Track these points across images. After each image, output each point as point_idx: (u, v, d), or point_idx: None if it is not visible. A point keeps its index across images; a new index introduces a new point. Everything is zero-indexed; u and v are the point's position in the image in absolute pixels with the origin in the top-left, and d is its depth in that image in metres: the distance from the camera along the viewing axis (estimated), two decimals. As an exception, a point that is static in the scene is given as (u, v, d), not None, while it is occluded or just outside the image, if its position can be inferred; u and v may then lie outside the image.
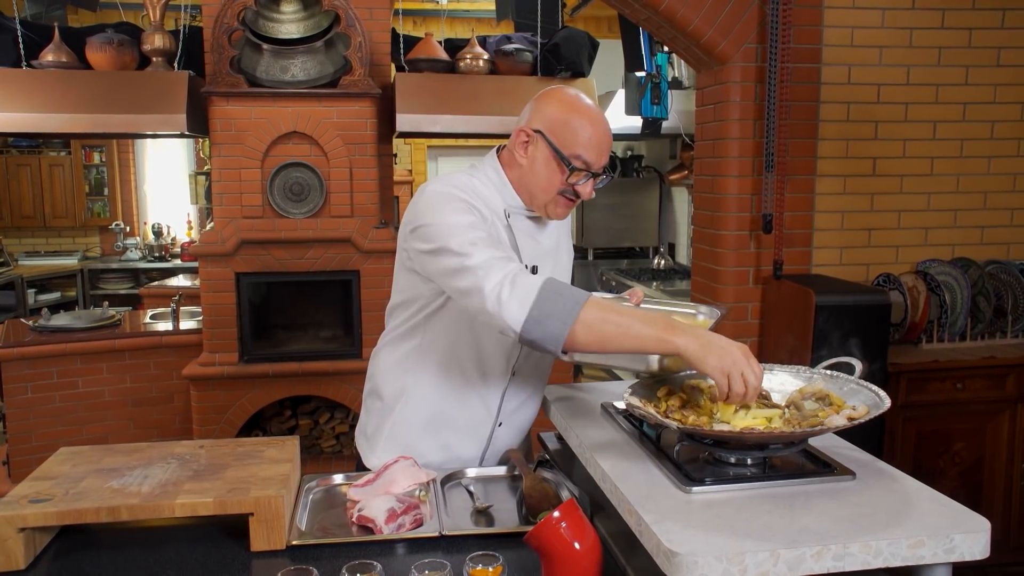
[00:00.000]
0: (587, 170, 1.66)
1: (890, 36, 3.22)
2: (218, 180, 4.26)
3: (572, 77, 4.70)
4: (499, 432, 1.84)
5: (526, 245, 1.74)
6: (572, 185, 1.67)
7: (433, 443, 1.81)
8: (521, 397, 1.85)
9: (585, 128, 1.64)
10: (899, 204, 3.30)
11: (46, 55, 4.23)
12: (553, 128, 1.65)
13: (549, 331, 1.42)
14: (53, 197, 7.53)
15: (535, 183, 1.69)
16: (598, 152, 1.66)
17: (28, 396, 4.33)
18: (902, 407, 3.00)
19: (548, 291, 1.44)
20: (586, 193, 1.69)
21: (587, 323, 1.41)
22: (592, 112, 1.67)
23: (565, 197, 1.70)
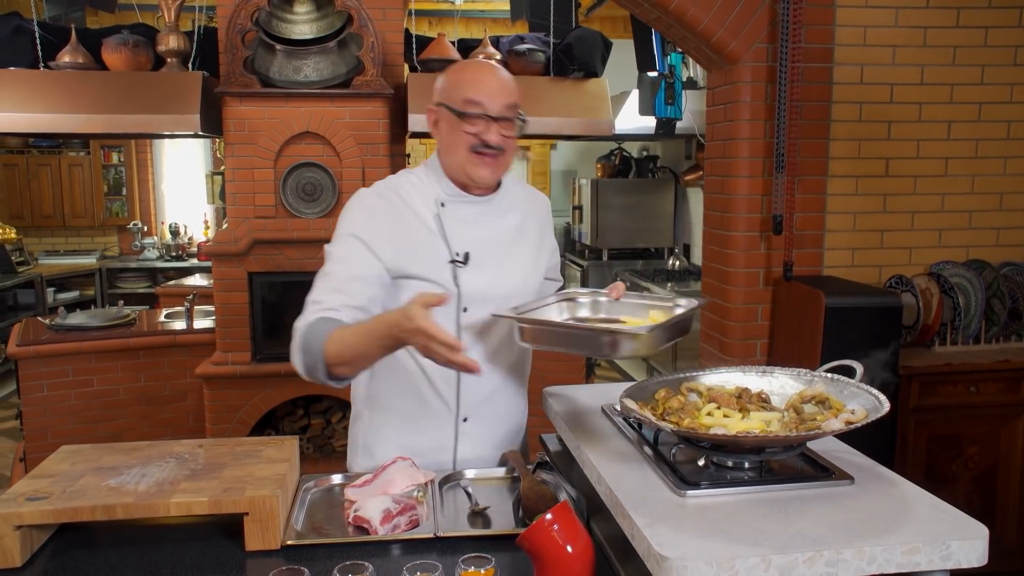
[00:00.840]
0: (484, 116, 1.65)
1: (904, 35, 3.18)
2: (231, 180, 4.28)
3: (585, 77, 4.68)
4: (468, 429, 1.81)
5: (458, 232, 1.72)
6: (475, 135, 1.66)
7: (400, 445, 1.79)
8: (485, 390, 1.80)
9: (467, 75, 1.69)
10: (912, 205, 3.26)
11: (63, 56, 4.27)
12: (443, 92, 1.70)
13: (320, 377, 1.55)
14: (72, 197, 7.61)
15: (448, 150, 1.72)
16: (488, 93, 1.65)
17: (44, 394, 4.38)
18: (914, 410, 2.96)
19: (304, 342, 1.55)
20: (493, 140, 1.66)
21: (336, 363, 1.52)
22: (476, 63, 1.74)
23: (477, 153, 1.68)
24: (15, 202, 7.54)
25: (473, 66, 1.73)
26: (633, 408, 1.39)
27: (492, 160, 1.70)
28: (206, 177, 8.01)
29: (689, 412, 1.44)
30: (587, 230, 7.51)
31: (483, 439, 1.84)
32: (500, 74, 1.71)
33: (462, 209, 1.75)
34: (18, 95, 4.17)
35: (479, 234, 1.75)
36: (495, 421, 1.86)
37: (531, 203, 1.90)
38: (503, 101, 1.66)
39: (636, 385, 1.53)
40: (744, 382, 1.57)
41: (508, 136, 1.70)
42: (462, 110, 1.65)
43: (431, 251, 1.70)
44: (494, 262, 1.75)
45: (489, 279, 1.73)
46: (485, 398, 1.81)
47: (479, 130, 1.66)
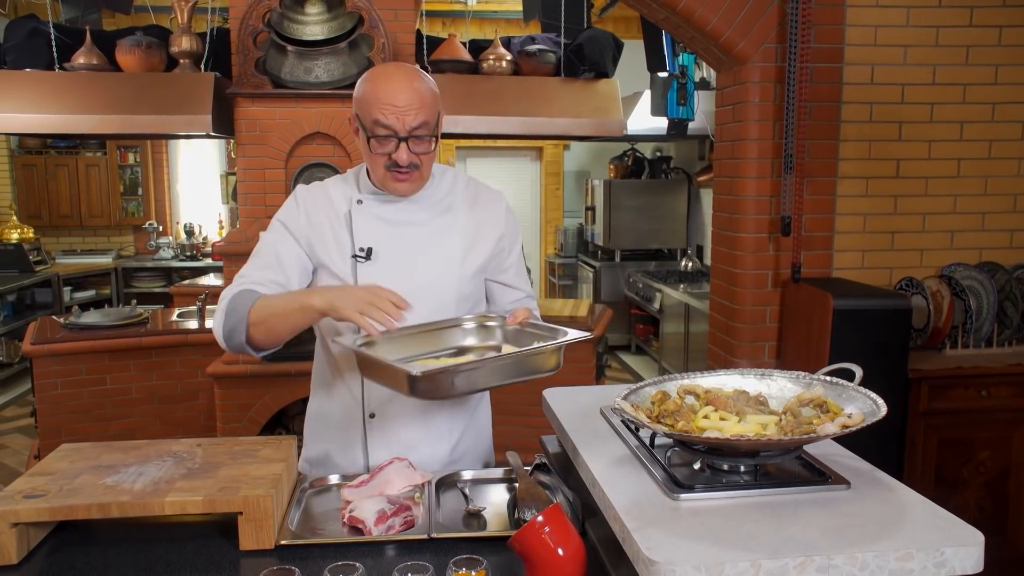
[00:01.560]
0: (393, 136, 1.63)
1: (915, 35, 3.15)
2: (243, 180, 4.30)
3: (596, 78, 4.67)
4: (377, 425, 1.79)
5: (368, 229, 1.74)
6: (387, 155, 1.65)
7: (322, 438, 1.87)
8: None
9: (375, 91, 1.63)
10: (924, 207, 3.23)
11: (78, 58, 4.31)
12: (358, 105, 1.68)
13: (237, 341, 1.65)
14: (89, 197, 7.69)
15: (367, 163, 1.74)
16: (395, 113, 1.61)
17: (58, 392, 4.42)
18: (923, 414, 2.93)
19: (230, 307, 1.64)
20: (402, 159, 1.64)
21: (255, 322, 1.60)
22: (385, 75, 1.66)
23: (390, 170, 1.68)
24: (33, 202, 7.62)
25: (384, 80, 1.65)
26: (627, 410, 1.38)
27: (407, 176, 1.69)
28: (221, 177, 8.06)
29: (685, 415, 1.43)
30: (599, 231, 7.50)
31: (398, 437, 1.80)
32: (411, 88, 1.63)
33: (378, 207, 1.76)
34: (34, 96, 4.22)
35: (389, 231, 1.75)
36: (408, 419, 1.81)
37: (475, 203, 1.85)
38: (412, 120, 1.63)
39: (632, 388, 1.52)
40: (743, 385, 1.55)
41: (421, 152, 1.67)
42: (371, 132, 1.64)
43: (337, 244, 1.75)
44: (400, 260, 1.75)
45: (388, 275, 1.70)
46: (392, 395, 1.75)
47: (389, 150, 1.65)
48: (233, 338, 1.64)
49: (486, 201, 1.87)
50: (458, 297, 1.81)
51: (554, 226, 8.64)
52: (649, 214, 7.39)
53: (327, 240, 1.75)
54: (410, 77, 1.66)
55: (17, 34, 4.39)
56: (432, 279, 1.78)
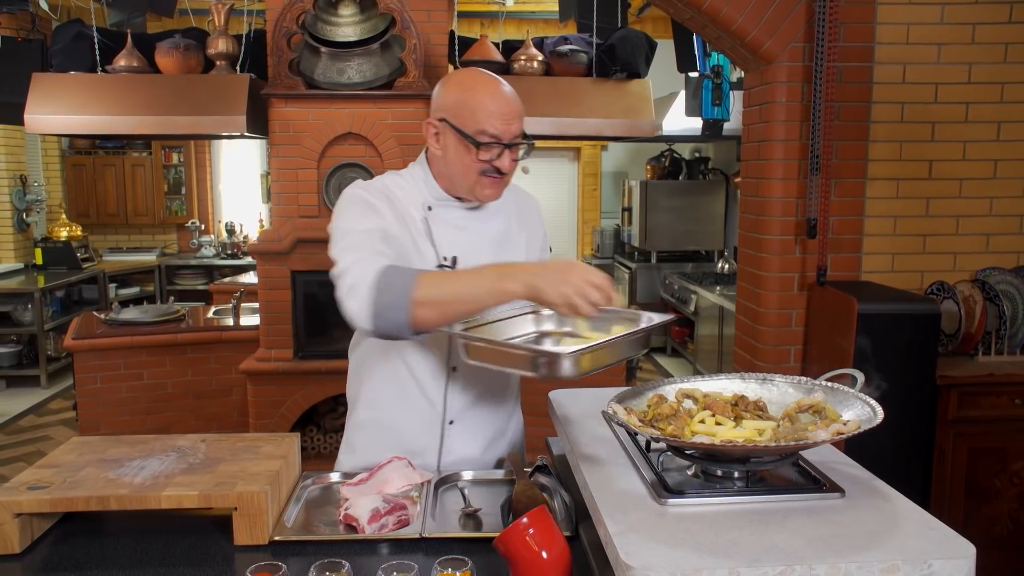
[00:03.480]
0: (497, 143, 1.63)
1: (950, 32, 3.07)
2: (276, 180, 4.38)
3: (628, 78, 4.64)
4: (453, 431, 1.81)
5: (445, 236, 1.73)
6: (488, 162, 1.65)
7: (383, 446, 1.80)
8: (472, 394, 1.80)
9: (482, 102, 1.62)
10: (957, 209, 3.14)
11: (119, 60, 4.42)
12: (453, 112, 1.65)
13: (394, 320, 1.47)
14: (135, 196, 7.89)
15: (453, 170, 1.70)
16: (503, 121, 1.62)
17: (97, 386, 4.54)
18: (952, 422, 2.85)
19: (382, 282, 1.48)
20: (505, 166, 1.66)
21: (424, 302, 1.46)
22: (488, 85, 1.64)
23: (488, 176, 1.67)
24: (82, 201, 7.85)
25: (491, 92, 1.63)
26: (619, 414, 1.37)
27: (499, 181, 1.70)
28: (261, 177, 8.21)
29: (681, 419, 1.41)
30: (636, 232, 7.45)
31: (467, 442, 1.83)
32: (511, 98, 1.65)
33: (448, 213, 1.75)
34: (76, 98, 4.34)
35: (465, 239, 1.75)
36: (480, 424, 1.85)
37: (518, 205, 1.88)
38: (515, 128, 1.65)
39: (629, 390, 1.51)
40: (743, 390, 1.53)
41: (516, 159, 1.69)
42: (477, 140, 1.62)
43: (420, 253, 1.70)
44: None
45: None
46: (472, 401, 1.82)
47: (492, 157, 1.65)
48: (387, 318, 1.47)
49: (526, 204, 1.92)
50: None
51: (591, 227, 8.61)
52: (686, 215, 7.32)
53: (409, 248, 1.70)
54: (506, 86, 1.67)
55: (63, 38, 4.53)
56: None
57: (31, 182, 7.32)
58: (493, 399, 1.86)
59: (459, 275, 1.54)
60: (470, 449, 1.83)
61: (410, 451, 1.78)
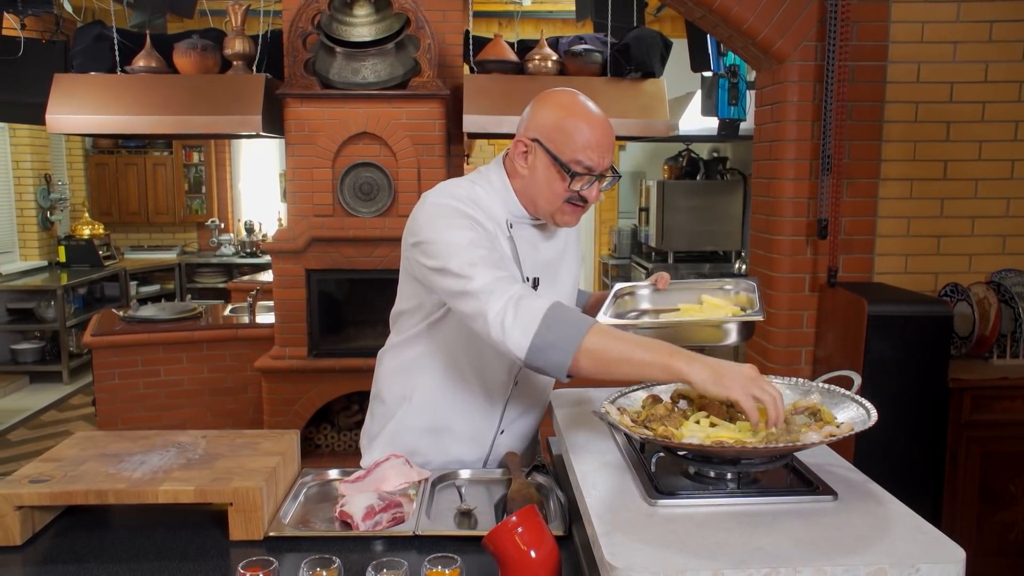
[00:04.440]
0: (589, 174, 1.61)
1: (966, 31, 3.03)
2: (291, 179, 4.41)
3: (643, 78, 4.62)
4: (501, 439, 1.84)
5: (528, 256, 1.71)
6: (577, 191, 1.63)
7: (433, 448, 1.81)
8: (524, 405, 1.84)
9: (582, 131, 1.59)
10: (973, 210, 3.10)
11: (138, 61, 4.48)
12: (549, 135, 1.61)
13: (552, 360, 1.43)
14: (156, 194, 7.98)
15: (538, 192, 1.66)
16: (599, 154, 1.61)
17: (116, 382, 4.60)
18: (965, 426, 2.81)
19: (551, 319, 1.43)
20: (592, 197, 1.65)
21: (590, 352, 1.41)
22: (588, 113, 1.61)
23: (572, 204, 1.66)
24: (104, 199, 7.95)
25: (592, 122, 1.60)
26: (612, 414, 1.37)
27: (580, 210, 1.69)
28: (280, 176, 8.26)
29: (675, 420, 1.41)
30: (653, 232, 7.41)
31: (510, 447, 1.86)
32: (609, 129, 1.63)
33: (525, 231, 1.73)
34: (96, 98, 4.39)
35: (539, 257, 1.74)
36: (526, 431, 1.90)
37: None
38: (608, 160, 1.64)
39: (624, 391, 1.51)
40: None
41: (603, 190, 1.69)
42: (572, 170, 1.60)
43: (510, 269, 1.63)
44: (550, 285, 1.76)
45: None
46: (522, 413, 1.85)
47: (582, 187, 1.63)
48: (546, 355, 1.43)
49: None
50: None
51: (608, 227, 8.59)
52: (703, 215, 7.27)
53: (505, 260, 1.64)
54: (604, 115, 1.65)
55: (84, 39, 4.59)
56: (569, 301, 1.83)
57: (55, 181, 7.42)
58: (539, 409, 1.90)
59: (632, 339, 1.44)
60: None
61: (457, 458, 1.80)
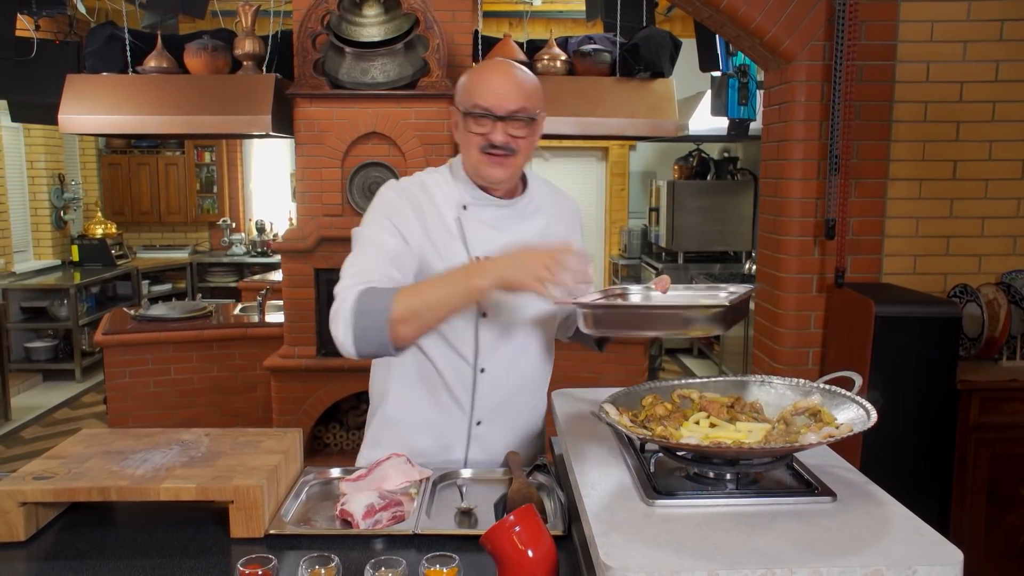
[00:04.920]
0: (488, 115, 1.65)
1: (976, 30, 3.01)
2: (301, 179, 4.43)
3: (652, 77, 4.61)
4: (481, 432, 1.82)
5: (479, 236, 1.73)
6: (483, 135, 1.66)
7: (411, 442, 1.81)
8: (500, 395, 1.81)
9: (476, 79, 1.69)
10: (983, 210, 3.08)
11: (149, 61, 4.50)
12: (458, 95, 1.71)
13: (376, 341, 1.54)
14: (168, 194, 8.03)
15: (464, 151, 1.74)
16: (495, 95, 1.65)
17: (126, 380, 4.63)
18: (974, 428, 2.79)
19: (359, 308, 1.53)
20: (497, 139, 1.66)
21: (401, 318, 1.52)
22: (490, 65, 1.73)
23: (487, 153, 1.68)
24: (117, 199, 8.01)
25: (485, 69, 1.72)
26: (611, 413, 1.37)
27: (502, 160, 1.69)
28: (291, 176, 8.30)
29: (676, 420, 1.41)
30: (663, 232, 7.40)
31: (495, 443, 1.84)
32: (512, 76, 1.69)
33: (484, 212, 1.75)
34: (107, 98, 4.43)
35: (500, 239, 1.73)
36: (509, 425, 1.86)
37: (558, 206, 1.89)
38: (510, 104, 1.66)
39: (625, 391, 1.51)
40: (741, 391, 1.52)
41: (516, 136, 1.69)
42: (468, 111, 1.66)
43: (451, 252, 1.71)
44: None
45: None
46: (500, 402, 1.82)
47: (486, 130, 1.66)
48: (368, 340, 1.54)
49: (567, 206, 1.93)
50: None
51: (618, 227, 8.58)
52: (714, 216, 7.26)
53: (439, 248, 1.71)
54: (512, 67, 1.72)
55: (96, 40, 4.62)
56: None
57: (69, 181, 7.48)
58: (523, 399, 1.86)
59: (431, 283, 1.58)
60: (497, 450, 1.83)
61: (437, 450, 1.80)
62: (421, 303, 1.53)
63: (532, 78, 1.72)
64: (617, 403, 1.45)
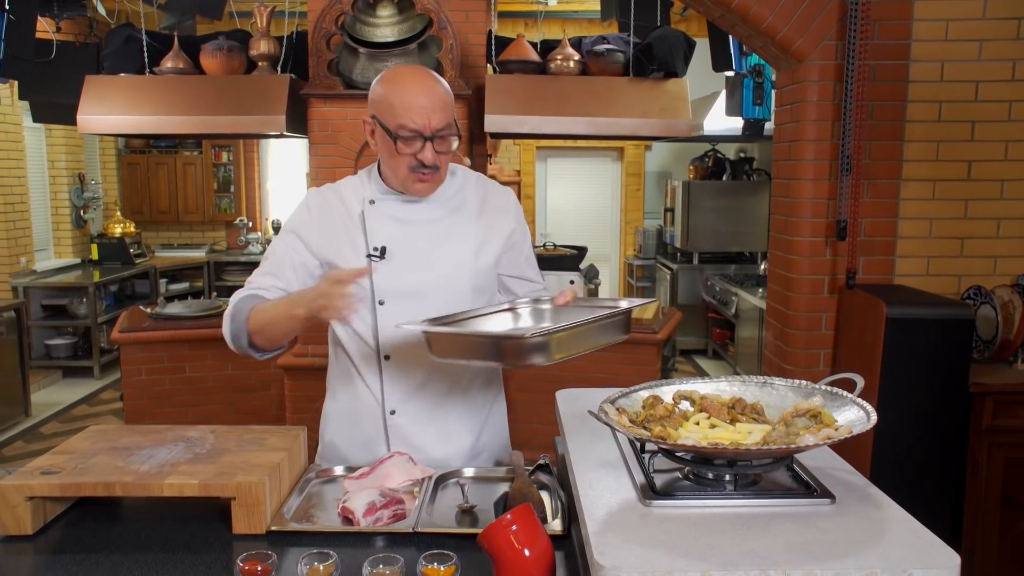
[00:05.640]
0: (418, 136, 1.66)
1: (993, 28, 2.97)
2: (315, 179, 4.45)
3: (665, 77, 4.60)
4: (397, 422, 1.82)
5: (381, 228, 1.77)
6: (412, 155, 1.68)
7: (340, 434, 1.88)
8: (411, 383, 1.82)
9: (399, 96, 1.67)
10: (998, 211, 3.04)
11: (166, 62, 4.55)
12: (379, 108, 1.71)
13: (242, 346, 1.73)
14: (186, 193, 8.11)
15: (386, 164, 1.77)
16: (421, 116, 1.66)
17: (142, 378, 4.67)
18: (987, 431, 2.76)
19: (232, 313, 1.72)
20: (428, 159, 1.68)
21: (254, 330, 1.69)
22: (408, 80, 1.69)
23: (415, 171, 1.71)
24: (136, 198, 8.10)
25: (405, 83, 1.69)
26: (609, 413, 1.37)
27: (429, 176, 1.73)
28: (307, 176, 8.35)
29: (675, 421, 1.41)
30: (678, 233, 7.38)
31: (417, 434, 1.83)
32: (433, 91, 1.69)
33: (389, 206, 1.79)
34: (125, 99, 4.47)
35: (402, 230, 1.78)
36: (428, 416, 1.84)
37: (485, 201, 1.89)
38: (436, 122, 1.67)
39: (626, 390, 1.51)
40: (742, 393, 1.51)
41: (443, 152, 1.72)
42: (396, 134, 1.67)
43: (352, 244, 1.78)
44: (414, 258, 1.78)
45: (403, 274, 1.77)
46: (411, 392, 1.82)
47: (414, 150, 1.68)
48: (238, 342, 1.73)
49: (496, 198, 1.92)
50: (472, 291, 1.84)
51: (634, 227, 8.56)
52: (729, 216, 7.22)
53: (340, 242, 1.79)
54: (430, 80, 1.71)
55: (114, 41, 4.67)
56: (446, 275, 1.82)
57: (89, 180, 7.57)
58: (437, 391, 1.85)
59: (276, 304, 1.69)
60: (424, 443, 1.82)
61: (364, 441, 1.84)
62: (266, 320, 1.68)
63: (447, 87, 1.73)
64: (617, 403, 1.45)
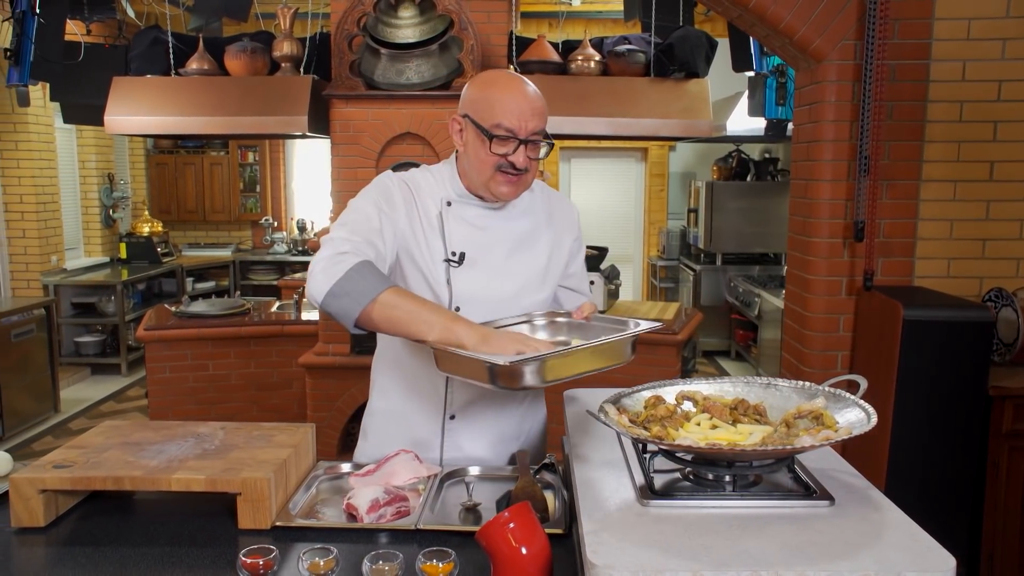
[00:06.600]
0: (512, 137, 1.66)
1: (1016, 27, 2.92)
2: (336, 179, 4.49)
3: (686, 77, 4.58)
4: (455, 427, 1.83)
5: (458, 232, 1.76)
6: (503, 156, 1.68)
7: (392, 435, 1.85)
8: (473, 391, 1.82)
9: (500, 97, 1.67)
10: (1022, 212, 2.99)
11: (191, 63, 4.61)
12: (474, 107, 1.70)
13: (344, 306, 1.55)
14: (212, 193, 8.21)
15: (471, 164, 1.74)
16: (519, 117, 1.66)
17: (167, 375, 4.75)
18: (1007, 435, 2.72)
19: (356, 272, 1.56)
20: (520, 162, 1.68)
21: (382, 304, 1.54)
22: (508, 82, 1.70)
23: (503, 172, 1.70)
24: (164, 198, 8.22)
25: (511, 88, 1.69)
26: (609, 413, 1.37)
27: (515, 179, 1.72)
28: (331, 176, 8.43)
29: (677, 421, 1.41)
30: (701, 234, 7.34)
31: (473, 439, 1.85)
32: (531, 97, 1.69)
33: (467, 210, 1.78)
34: (151, 100, 4.55)
35: (480, 237, 1.77)
36: (487, 423, 1.86)
37: (552, 211, 1.90)
38: (532, 126, 1.68)
39: (628, 390, 1.51)
40: (745, 394, 1.51)
41: (533, 158, 1.72)
42: (492, 133, 1.67)
43: (429, 246, 1.75)
44: (491, 265, 1.78)
45: (482, 282, 1.76)
46: (473, 398, 1.84)
47: (507, 152, 1.68)
48: (341, 302, 1.55)
49: (561, 208, 1.93)
50: (542, 303, 1.86)
51: (657, 228, 8.53)
52: (753, 217, 7.17)
53: (419, 241, 1.75)
54: (530, 86, 1.72)
55: (141, 43, 4.75)
56: (521, 286, 1.82)
57: (118, 180, 7.69)
58: (498, 399, 1.87)
59: (425, 303, 1.60)
60: (477, 447, 1.85)
61: (415, 443, 1.83)
62: (406, 311, 1.55)
63: (542, 96, 1.73)
64: (618, 403, 1.45)
